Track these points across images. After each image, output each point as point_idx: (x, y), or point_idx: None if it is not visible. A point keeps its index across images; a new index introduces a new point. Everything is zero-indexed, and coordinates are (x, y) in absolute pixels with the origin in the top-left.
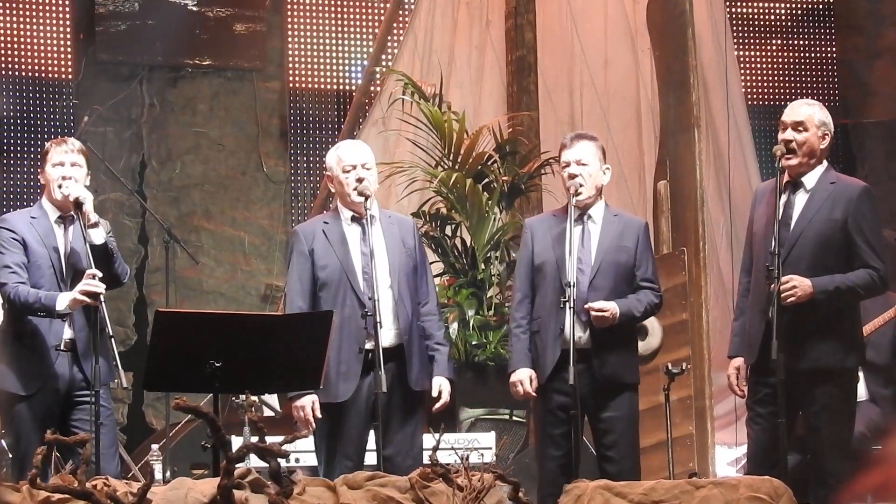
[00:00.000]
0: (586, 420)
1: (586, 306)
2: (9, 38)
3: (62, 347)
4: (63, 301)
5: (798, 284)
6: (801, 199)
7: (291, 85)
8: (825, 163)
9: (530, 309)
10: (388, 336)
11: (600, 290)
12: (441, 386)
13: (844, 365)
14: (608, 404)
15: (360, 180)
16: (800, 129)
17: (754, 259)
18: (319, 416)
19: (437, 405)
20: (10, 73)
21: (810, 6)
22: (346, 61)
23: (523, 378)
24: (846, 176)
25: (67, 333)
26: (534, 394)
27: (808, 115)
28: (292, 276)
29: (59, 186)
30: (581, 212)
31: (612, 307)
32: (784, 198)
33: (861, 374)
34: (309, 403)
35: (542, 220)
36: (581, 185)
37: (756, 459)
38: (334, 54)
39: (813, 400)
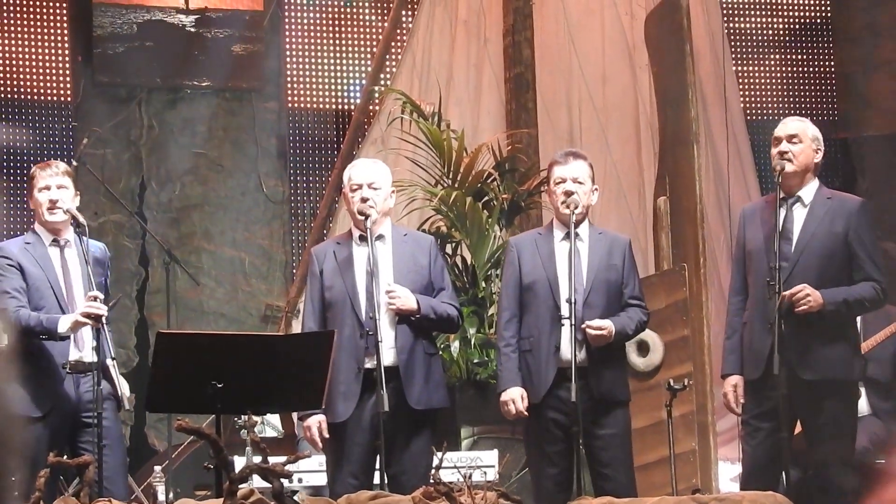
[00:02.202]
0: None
1: (584, 325)
2: (7, 61)
3: (69, 369)
4: (65, 324)
5: (811, 293)
6: (799, 213)
7: (290, 105)
8: (817, 179)
9: (518, 328)
10: (387, 355)
11: (595, 307)
12: (405, 292)
13: (850, 376)
14: (603, 421)
15: (364, 200)
16: (794, 140)
17: (755, 276)
18: (327, 435)
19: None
20: (8, 95)
21: (808, 20)
22: (345, 81)
23: (515, 397)
24: (840, 192)
25: (74, 354)
26: (525, 413)
27: (802, 128)
28: (306, 298)
29: (50, 209)
30: (569, 230)
31: (609, 325)
32: (782, 213)
33: (863, 390)
34: (316, 423)
35: (528, 239)
36: (578, 203)
37: (752, 475)
38: (332, 74)
39: (818, 412)
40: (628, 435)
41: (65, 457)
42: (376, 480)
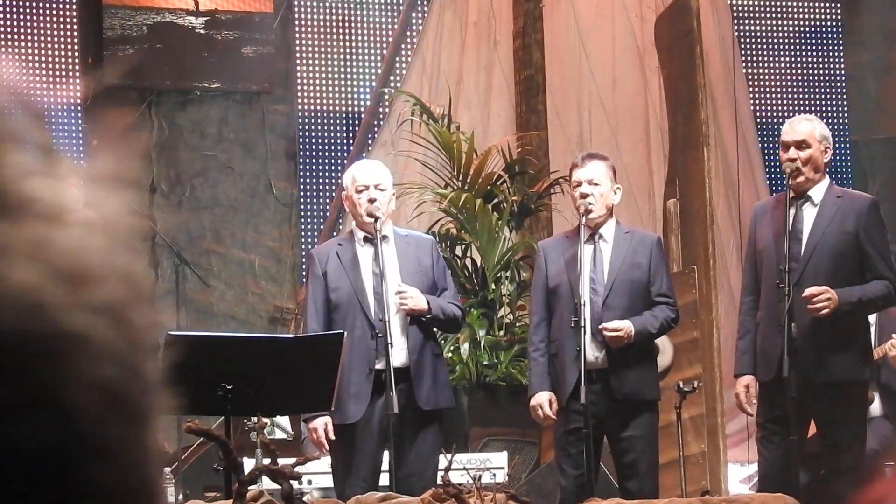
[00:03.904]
0: (605, 439)
1: (600, 327)
2: (17, 63)
3: None
4: None
5: (831, 297)
6: (809, 213)
7: (300, 107)
8: (827, 178)
9: (547, 332)
10: (398, 356)
11: (614, 309)
12: (416, 292)
13: (861, 376)
14: (628, 423)
15: (371, 201)
16: (803, 146)
17: (765, 275)
18: (333, 437)
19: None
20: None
21: (818, 22)
22: (355, 83)
23: (543, 401)
24: (850, 190)
25: None
26: (554, 416)
27: (809, 131)
28: (308, 299)
29: None
30: (592, 231)
31: (625, 326)
32: (791, 213)
33: (875, 394)
34: (322, 425)
35: (555, 243)
36: (591, 205)
37: (769, 479)
38: (342, 76)
39: (832, 414)
40: (653, 436)
41: None
42: (382, 482)
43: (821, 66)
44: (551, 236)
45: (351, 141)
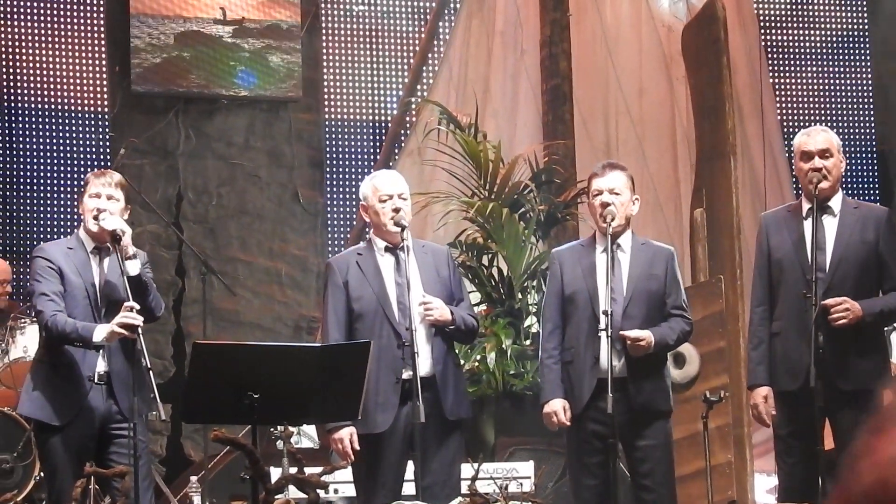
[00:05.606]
0: (621, 448)
1: (621, 334)
2: (45, 71)
3: (95, 380)
4: (100, 333)
5: (851, 307)
6: (830, 223)
7: (327, 116)
8: (841, 189)
9: (561, 339)
10: (423, 366)
11: (634, 318)
12: (440, 303)
13: (883, 385)
14: (644, 433)
15: (396, 210)
16: (826, 155)
17: (786, 286)
18: (358, 447)
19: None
20: (46, 105)
21: (845, 32)
22: (382, 92)
23: (558, 409)
24: (862, 201)
25: (101, 366)
26: (568, 423)
27: (829, 140)
28: (328, 309)
29: (95, 218)
30: (610, 241)
31: (647, 336)
32: (810, 223)
33: None
34: (347, 435)
35: (570, 250)
36: (614, 214)
37: (791, 490)
38: (369, 85)
39: (852, 422)
40: (669, 446)
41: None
42: (405, 491)
43: (848, 75)
44: (565, 245)
45: (378, 150)
